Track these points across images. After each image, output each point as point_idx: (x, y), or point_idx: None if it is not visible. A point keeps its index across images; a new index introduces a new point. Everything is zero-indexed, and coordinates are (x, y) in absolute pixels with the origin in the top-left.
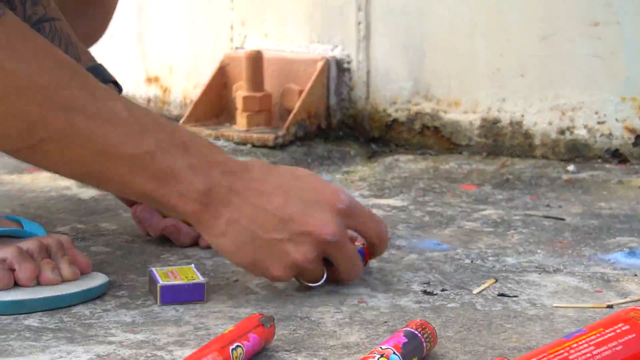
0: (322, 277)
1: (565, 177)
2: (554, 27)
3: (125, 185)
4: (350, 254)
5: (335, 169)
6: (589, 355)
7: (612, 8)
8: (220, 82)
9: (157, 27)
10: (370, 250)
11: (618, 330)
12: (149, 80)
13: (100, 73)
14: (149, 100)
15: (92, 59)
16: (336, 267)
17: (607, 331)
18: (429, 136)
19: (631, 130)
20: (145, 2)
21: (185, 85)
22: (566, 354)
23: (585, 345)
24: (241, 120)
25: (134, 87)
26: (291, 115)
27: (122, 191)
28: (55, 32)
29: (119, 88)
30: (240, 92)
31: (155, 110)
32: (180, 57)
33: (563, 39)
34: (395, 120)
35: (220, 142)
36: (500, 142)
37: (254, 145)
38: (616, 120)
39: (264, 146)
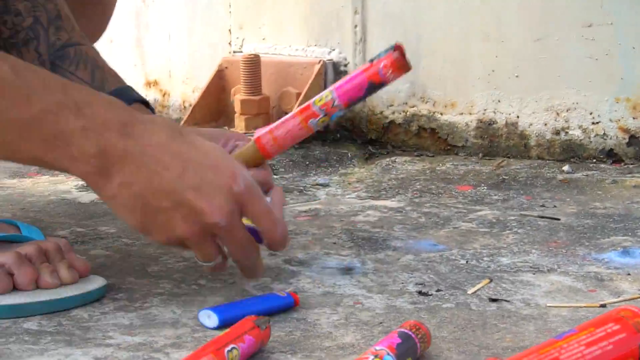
0: (215, 256)
1: (560, 177)
2: (548, 29)
3: (14, 151)
4: (241, 240)
5: (333, 170)
6: (579, 355)
7: (605, 9)
8: (219, 85)
9: (155, 32)
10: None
11: (609, 330)
12: (148, 84)
13: (128, 94)
14: None
15: (120, 80)
16: (228, 251)
17: (597, 331)
18: (426, 137)
19: (625, 130)
20: (143, 8)
21: (184, 89)
22: (557, 354)
23: (576, 345)
24: (239, 123)
25: None
26: None
27: (13, 157)
28: (80, 56)
29: (150, 109)
30: (238, 95)
31: None
32: (179, 62)
33: (557, 41)
34: (392, 122)
35: None
36: (496, 143)
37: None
38: (610, 120)
39: None
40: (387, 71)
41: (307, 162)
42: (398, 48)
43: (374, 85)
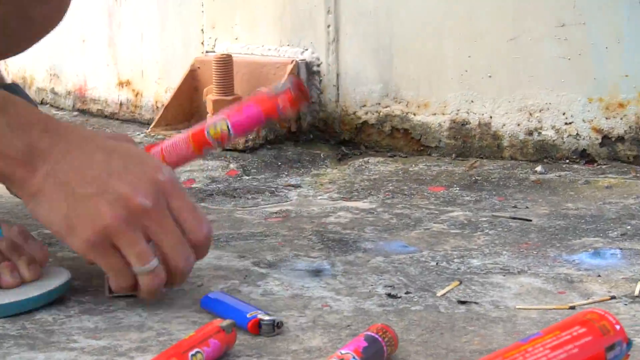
0: (149, 256)
1: (533, 177)
2: (521, 29)
3: None
4: (174, 231)
5: (305, 171)
6: (544, 358)
7: (578, 9)
8: (191, 85)
9: (128, 31)
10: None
11: (574, 333)
12: (121, 84)
13: (15, 92)
14: (120, 104)
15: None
16: (158, 245)
17: (563, 334)
18: (399, 138)
19: (598, 131)
20: (116, 7)
21: (157, 89)
22: (521, 357)
23: (541, 348)
24: None
25: (106, 91)
26: None
27: None
28: None
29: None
30: (210, 95)
31: (127, 115)
32: (152, 61)
33: (530, 40)
34: (365, 123)
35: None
36: (469, 143)
37: (224, 149)
38: (583, 120)
39: (234, 149)
40: (285, 107)
41: (279, 163)
42: (296, 84)
43: (272, 119)
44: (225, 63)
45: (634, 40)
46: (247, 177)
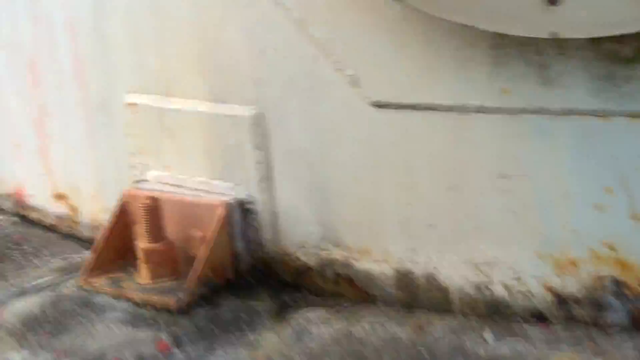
0: None
1: (482, 352)
2: (461, 178)
3: None
4: None
5: (241, 336)
6: None
7: (520, 162)
8: (122, 222)
9: (58, 144)
10: None
11: None
12: (57, 196)
13: None
14: (59, 218)
15: None
16: None
17: None
18: (343, 285)
19: (550, 289)
20: (45, 119)
21: (93, 208)
22: None
23: None
24: (144, 272)
25: (43, 200)
26: (194, 276)
27: None
28: None
29: None
30: (140, 242)
31: (66, 229)
32: (85, 178)
33: (472, 190)
34: (306, 266)
35: (121, 304)
36: (415, 294)
37: (155, 309)
38: (533, 277)
39: (166, 310)
40: None
41: (214, 328)
42: None
43: None
44: (153, 210)
45: (580, 194)
46: (179, 354)
